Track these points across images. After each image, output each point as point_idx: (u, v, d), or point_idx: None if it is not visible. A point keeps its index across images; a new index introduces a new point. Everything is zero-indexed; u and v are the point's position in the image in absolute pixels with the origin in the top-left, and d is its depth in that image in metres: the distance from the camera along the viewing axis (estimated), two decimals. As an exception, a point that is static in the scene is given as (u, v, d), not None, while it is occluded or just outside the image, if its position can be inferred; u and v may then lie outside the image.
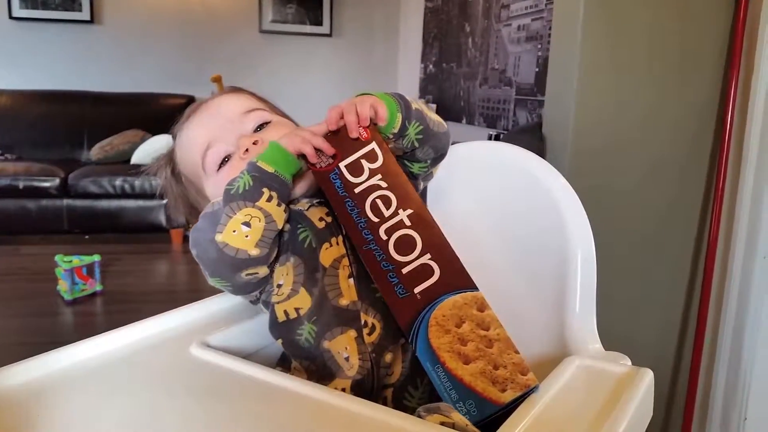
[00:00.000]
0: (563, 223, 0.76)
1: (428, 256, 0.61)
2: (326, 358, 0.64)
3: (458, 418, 0.54)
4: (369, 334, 0.65)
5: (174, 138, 0.80)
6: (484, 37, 2.72)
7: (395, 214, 0.62)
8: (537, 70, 2.19)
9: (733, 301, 1.43)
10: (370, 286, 0.66)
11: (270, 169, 0.63)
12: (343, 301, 0.66)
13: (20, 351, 0.62)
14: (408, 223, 0.62)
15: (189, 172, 0.78)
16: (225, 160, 0.73)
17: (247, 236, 0.61)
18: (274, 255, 0.66)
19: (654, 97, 1.39)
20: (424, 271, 0.60)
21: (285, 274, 0.67)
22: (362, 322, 0.65)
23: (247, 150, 0.71)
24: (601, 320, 0.76)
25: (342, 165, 0.64)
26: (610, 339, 0.74)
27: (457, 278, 0.60)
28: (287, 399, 0.56)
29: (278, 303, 0.67)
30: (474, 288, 0.60)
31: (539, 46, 2.18)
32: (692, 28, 1.37)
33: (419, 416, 0.54)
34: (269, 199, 0.62)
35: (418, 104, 0.70)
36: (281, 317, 0.67)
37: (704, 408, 1.53)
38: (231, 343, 0.70)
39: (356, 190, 0.63)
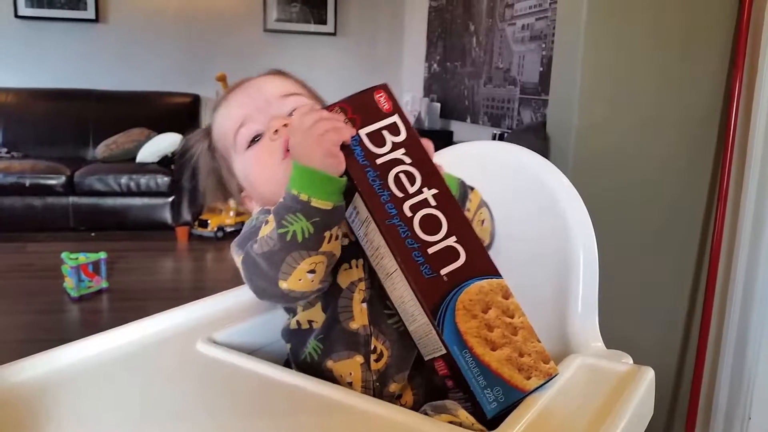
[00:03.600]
0: (566, 222, 0.76)
1: (454, 238, 0.58)
2: (328, 378, 0.64)
3: (464, 416, 0.55)
4: (376, 361, 0.65)
5: (213, 112, 0.80)
6: (489, 37, 2.72)
7: (419, 191, 0.59)
8: (541, 69, 2.19)
9: (737, 302, 1.43)
10: (382, 311, 0.66)
11: (328, 206, 0.57)
12: (354, 325, 0.66)
13: (26, 348, 0.62)
14: (433, 203, 0.59)
15: (221, 147, 0.77)
16: (255, 139, 0.72)
17: (312, 280, 0.59)
18: None
19: (658, 96, 1.39)
20: (450, 254, 0.58)
21: None
22: (371, 347, 0.65)
23: (276, 131, 0.70)
24: (604, 320, 0.76)
25: (363, 133, 0.60)
26: (614, 338, 0.74)
27: (482, 264, 0.59)
28: (292, 395, 0.56)
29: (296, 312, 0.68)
30: (498, 275, 0.59)
31: (543, 46, 2.18)
32: (696, 28, 1.37)
33: (425, 413, 0.55)
34: (330, 239, 0.58)
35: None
36: (293, 325, 0.69)
37: (708, 408, 1.53)
38: (237, 340, 0.71)
39: (378, 161, 0.59)
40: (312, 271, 0.58)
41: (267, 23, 4.20)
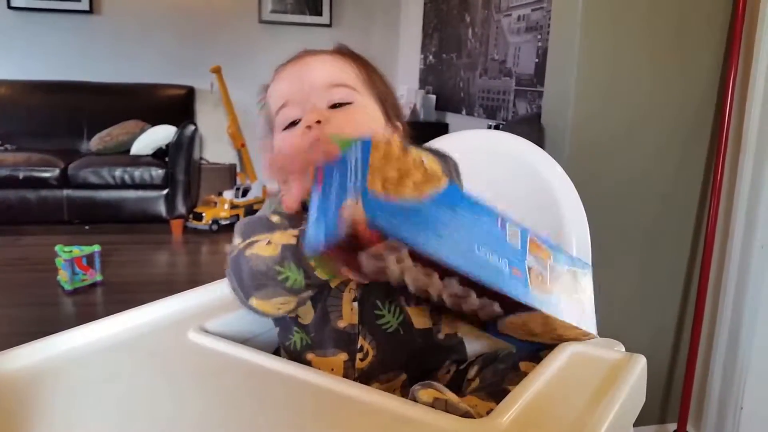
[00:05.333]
0: (559, 211, 0.76)
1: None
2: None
3: (451, 395, 0.55)
4: (362, 360, 0.65)
5: (275, 73, 0.77)
6: (484, 28, 2.71)
7: None
8: (537, 60, 2.19)
9: (731, 291, 1.44)
10: (373, 311, 0.66)
11: (326, 279, 0.61)
12: (342, 323, 0.66)
13: (20, 340, 0.62)
14: None
15: (268, 112, 0.76)
16: (293, 123, 0.70)
17: (279, 310, 0.64)
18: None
19: (653, 88, 1.39)
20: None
21: None
22: (358, 345, 0.66)
23: (309, 126, 0.68)
24: (598, 309, 0.76)
25: None
26: (607, 328, 0.74)
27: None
28: (283, 383, 0.56)
29: None
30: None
31: (539, 37, 2.18)
32: (691, 17, 1.37)
33: (414, 394, 0.55)
34: (312, 291, 0.63)
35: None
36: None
37: (701, 398, 1.54)
38: (228, 329, 0.71)
39: None
40: (285, 304, 0.63)
41: (262, 14, 4.18)
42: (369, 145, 0.49)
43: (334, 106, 0.69)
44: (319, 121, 0.67)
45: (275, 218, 0.68)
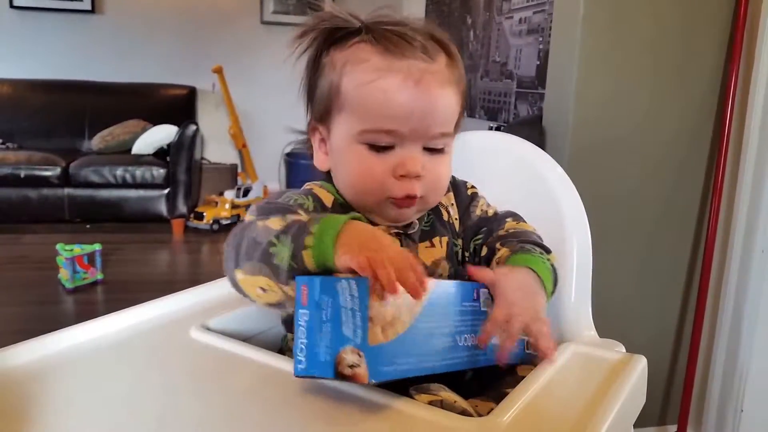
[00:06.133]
0: (560, 211, 0.76)
1: None
2: None
3: (446, 395, 0.55)
4: None
5: (351, 42, 0.65)
6: (486, 30, 2.72)
7: None
8: (538, 63, 2.19)
9: (731, 294, 1.44)
10: None
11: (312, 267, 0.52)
12: None
13: (21, 339, 0.62)
14: None
15: (342, 97, 0.64)
16: (382, 148, 0.63)
17: (259, 297, 0.57)
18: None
19: (654, 91, 1.39)
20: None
21: None
22: None
23: (403, 176, 0.63)
24: (598, 312, 0.76)
25: None
26: (608, 330, 0.74)
27: None
28: (284, 381, 0.56)
29: None
30: None
31: (540, 39, 2.18)
32: (693, 21, 1.37)
33: (410, 395, 0.55)
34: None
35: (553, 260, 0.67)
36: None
37: (701, 400, 1.54)
38: (230, 327, 0.71)
39: None
40: (266, 292, 0.56)
41: (264, 15, 4.18)
42: (366, 287, 0.48)
43: (429, 147, 0.65)
44: (418, 177, 0.63)
45: (301, 213, 0.63)
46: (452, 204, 0.74)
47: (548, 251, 0.68)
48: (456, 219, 0.73)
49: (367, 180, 0.64)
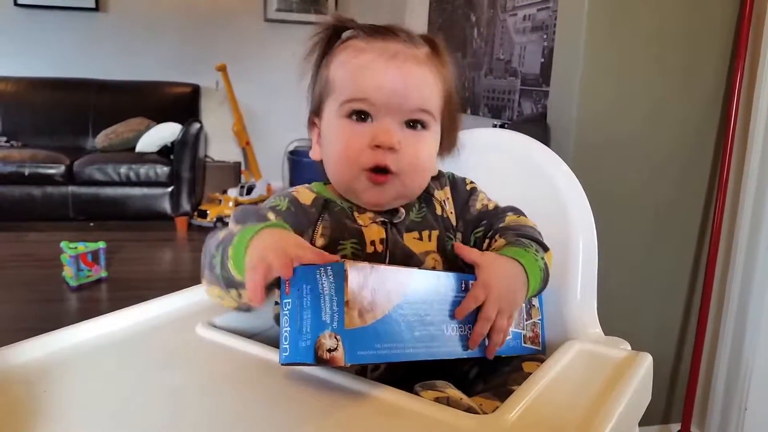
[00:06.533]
0: (565, 209, 0.76)
1: None
2: None
3: (452, 392, 0.55)
4: (372, 371, 0.63)
5: (344, 38, 0.69)
6: (490, 27, 2.71)
7: None
8: (542, 60, 2.19)
9: (736, 292, 1.44)
10: None
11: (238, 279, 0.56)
12: None
13: (25, 336, 0.62)
14: None
15: (330, 83, 0.68)
16: (361, 117, 0.65)
17: (223, 303, 0.62)
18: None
19: (659, 89, 1.39)
20: None
21: None
22: None
23: (378, 146, 0.64)
24: (603, 309, 0.76)
25: None
26: (612, 327, 0.74)
27: None
28: (290, 377, 0.56)
29: None
30: None
31: (545, 37, 2.17)
32: (698, 19, 1.37)
33: (416, 393, 0.55)
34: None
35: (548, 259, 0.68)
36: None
37: (705, 398, 1.54)
38: (236, 324, 0.71)
39: None
40: (221, 299, 0.60)
41: (267, 13, 4.18)
42: (342, 272, 0.49)
43: (409, 125, 0.67)
44: (392, 148, 0.64)
45: (271, 215, 0.66)
46: (448, 198, 0.74)
47: (546, 249, 0.68)
48: (451, 213, 0.73)
49: (345, 151, 0.66)
